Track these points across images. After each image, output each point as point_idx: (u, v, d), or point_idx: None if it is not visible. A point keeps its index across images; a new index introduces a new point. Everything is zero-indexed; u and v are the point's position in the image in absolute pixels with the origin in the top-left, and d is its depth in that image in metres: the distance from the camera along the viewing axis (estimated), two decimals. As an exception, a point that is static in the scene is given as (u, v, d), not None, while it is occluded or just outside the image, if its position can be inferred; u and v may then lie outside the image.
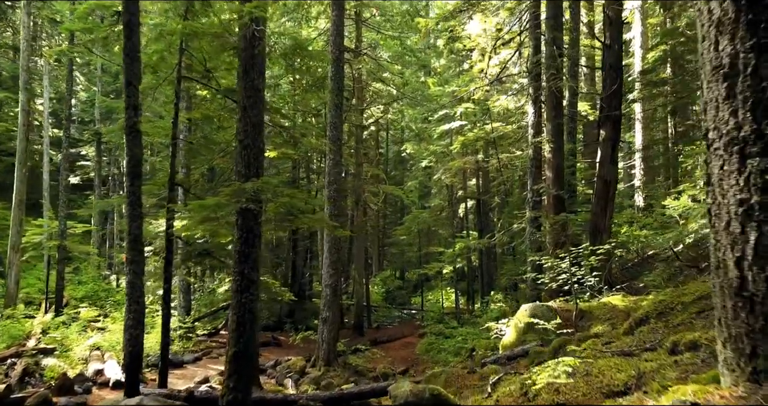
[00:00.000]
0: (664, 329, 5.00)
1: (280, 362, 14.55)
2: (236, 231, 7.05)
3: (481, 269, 26.82)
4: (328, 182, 14.67)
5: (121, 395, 10.88)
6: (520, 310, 9.01)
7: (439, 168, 25.80)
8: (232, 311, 6.97)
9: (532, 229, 12.94)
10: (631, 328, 5.74)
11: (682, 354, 3.34)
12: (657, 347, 4.15)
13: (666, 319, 5.32)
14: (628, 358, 3.92)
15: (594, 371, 3.55)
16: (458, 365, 14.98)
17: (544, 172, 13.47)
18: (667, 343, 3.68)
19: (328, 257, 14.50)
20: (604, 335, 6.76)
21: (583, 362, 3.98)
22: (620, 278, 14.22)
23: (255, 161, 7.10)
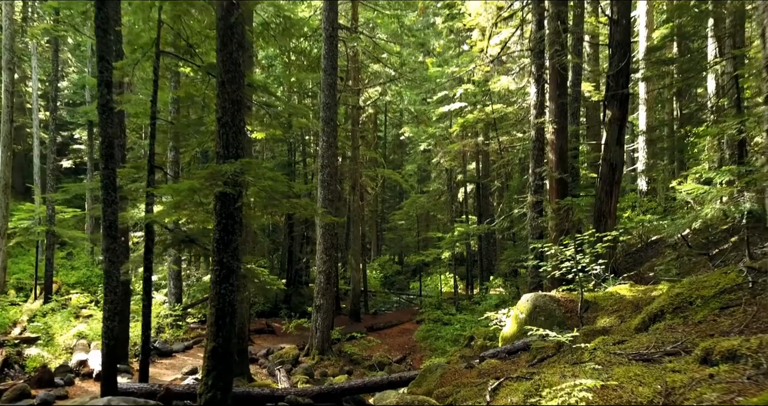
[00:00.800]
0: (683, 327, 4.48)
1: (272, 351, 14.11)
2: (215, 217, 6.51)
3: (480, 254, 26.36)
4: (322, 166, 14.10)
5: (104, 388, 10.44)
6: (522, 300, 8.50)
7: (438, 151, 25.19)
8: (210, 303, 6.46)
9: (534, 214, 12.39)
10: (644, 323, 5.22)
11: (718, 366, 2.82)
12: (680, 351, 3.63)
13: (684, 315, 4.80)
14: (648, 365, 3.40)
15: (610, 382, 3.03)
16: (456, 353, 14.60)
17: (546, 155, 12.89)
18: (697, 350, 3.15)
19: (322, 243, 13.98)
20: (613, 329, 6.25)
21: (597, 369, 3.47)
22: (624, 265, 13.74)
23: (234, 141, 6.53)
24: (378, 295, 28.47)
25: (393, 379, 7.91)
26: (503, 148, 20.73)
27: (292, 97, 25.13)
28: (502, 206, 23.08)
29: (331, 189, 14.06)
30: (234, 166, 6.06)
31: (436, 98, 24.83)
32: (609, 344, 4.60)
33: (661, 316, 5.10)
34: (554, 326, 7.74)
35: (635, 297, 7.56)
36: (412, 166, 30.46)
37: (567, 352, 6.13)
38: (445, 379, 6.77)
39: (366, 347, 15.62)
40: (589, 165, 20.72)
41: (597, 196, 12.20)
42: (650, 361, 3.53)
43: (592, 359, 4.06)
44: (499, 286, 28.65)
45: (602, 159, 12.04)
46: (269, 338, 16.66)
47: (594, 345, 4.80)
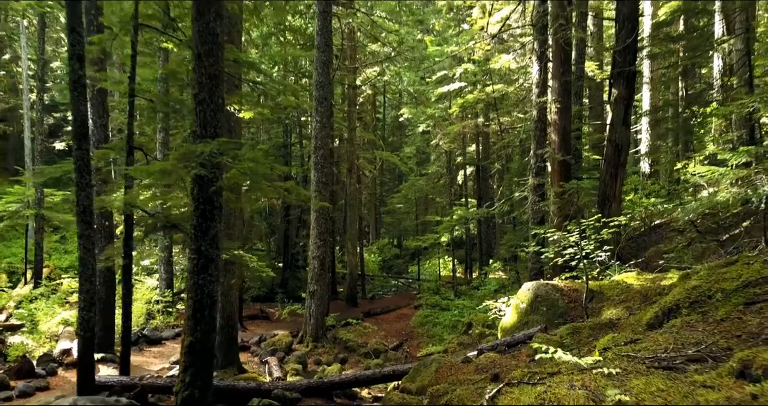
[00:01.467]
0: (703, 325, 4.02)
1: (265, 338, 13.73)
2: (192, 202, 6.03)
3: (479, 237, 25.94)
4: (315, 147, 13.57)
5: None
6: (522, 289, 8.06)
7: (437, 133, 24.59)
8: (188, 295, 6.00)
9: (535, 197, 11.91)
10: (657, 319, 4.76)
11: (761, 383, 2.36)
12: (705, 356, 3.17)
13: (703, 310, 4.34)
14: (670, 374, 2.94)
15: (628, 398, 2.57)
16: (454, 340, 14.24)
17: (549, 136, 12.36)
18: (732, 362, 2.69)
19: (316, 228, 13.52)
20: (622, 323, 5.81)
21: (611, 379, 3.01)
22: (627, 250, 13.28)
23: (212, 119, 6.01)
24: (376, 279, 28.12)
25: (386, 372, 7.50)
26: (504, 130, 20.17)
27: (287, 77, 24.49)
28: (503, 188, 22.59)
29: (325, 172, 13.55)
30: (210, 146, 5.55)
31: (435, 78, 24.17)
32: (620, 344, 4.14)
33: (677, 311, 4.64)
34: (557, 317, 7.31)
35: (643, 286, 7.11)
36: (410, 149, 29.87)
37: (572, 348, 5.70)
38: (440, 374, 6.35)
39: (362, 333, 15.26)
40: (592, 147, 20.19)
41: (601, 179, 11.70)
42: (672, 369, 3.07)
43: (602, 363, 3.60)
44: (499, 269, 28.31)
45: (607, 140, 11.51)
46: (263, 325, 16.29)
47: (603, 344, 4.34)
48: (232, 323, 10.55)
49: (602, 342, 4.40)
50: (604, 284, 7.66)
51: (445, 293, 20.37)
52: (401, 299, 22.33)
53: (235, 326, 10.66)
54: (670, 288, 6.33)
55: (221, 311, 10.43)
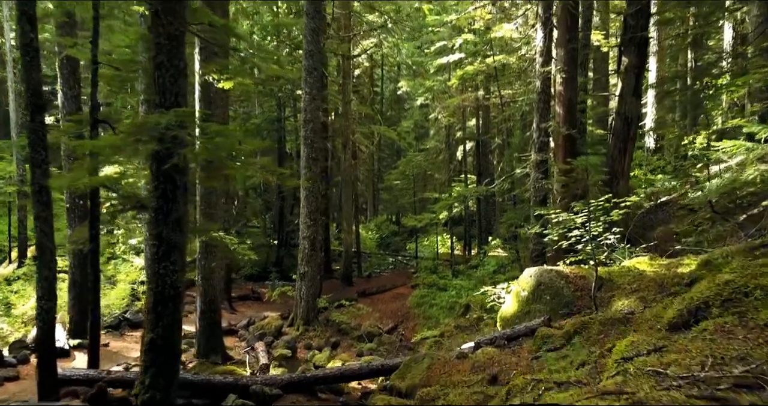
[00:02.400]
0: (743, 331, 3.36)
1: (253, 321, 13.16)
2: (151, 181, 5.32)
3: (478, 214, 25.25)
4: (305, 121, 12.78)
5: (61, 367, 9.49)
6: (524, 275, 7.40)
7: (436, 106, 23.70)
8: (148, 286, 5.34)
9: (538, 174, 11.17)
10: (682, 318, 4.09)
11: None
12: (757, 380, 2.51)
13: (739, 311, 3.67)
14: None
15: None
16: (451, 323, 13.66)
17: (553, 108, 11.57)
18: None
19: (306, 206, 12.82)
20: (637, 318, 5.15)
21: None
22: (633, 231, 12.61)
23: (172, 87, 5.25)
24: (373, 257, 27.56)
25: (374, 367, 6.90)
26: (505, 103, 19.30)
27: (281, 48, 23.46)
28: (503, 164, 21.84)
29: (316, 147, 12.79)
30: (167, 117, 4.81)
31: (434, 49, 23.17)
32: (643, 352, 3.48)
33: (706, 310, 3.97)
34: (561, 306, 6.67)
35: (657, 274, 6.44)
36: (408, 123, 28.96)
37: (579, 347, 5.05)
38: (432, 372, 5.73)
39: (355, 315, 14.69)
40: (596, 121, 19.38)
41: (609, 154, 10.97)
42: (717, 400, 2.41)
43: (624, 383, 2.94)
44: (498, 247, 27.72)
45: (616, 112, 10.75)
46: (254, 306, 15.74)
47: (622, 351, 3.68)
48: (215, 307, 9.95)
49: (620, 348, 3.74)
50: (614, 270, 6.99)
51: (443, 272, 19.78)
52: (398, 278, 21.75)
53: (218, 311, 10.06)
54: (691, 278, 5.67)
55: (202, 295, 9.84)
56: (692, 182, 17.49)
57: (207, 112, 9.18)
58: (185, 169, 5.37)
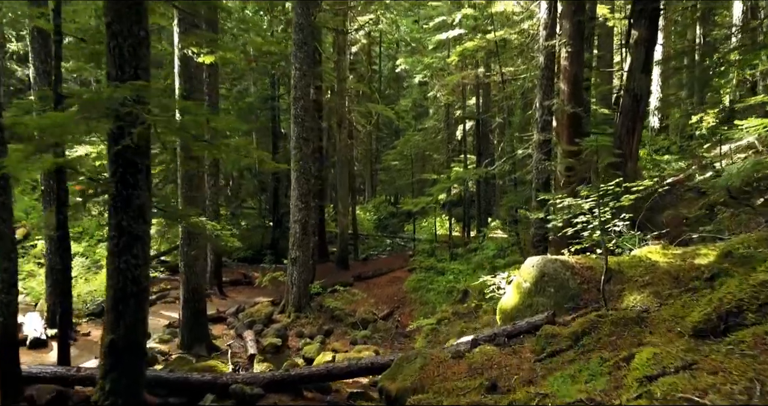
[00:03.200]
0: (791, 345, 2.82)
1: (243, 308, 12.68)
2: (109, 165, 4.73)
3: (478, 195, 24.69)
4: (295, 98, 12.13)
5: (37, 358, 9.03)
6: (526, 264, 6.86)
7: (435, 84, 22.94)
8: (107, 282, 4.79)
9: (540, 155, 10.56)
10: (710, 323, 3.56)
11: None
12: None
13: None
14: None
15: None
16: (449, 309, 13.19)
17: (557, 86, 10.93)
18: None
19: (297, 188, 12.25)
20: (653, 318, 4.61)
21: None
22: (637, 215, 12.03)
23: (132, 57, 4.63)
24: (370, 238, 27.08)
25: (363, 365, 6.39)
26: (506, 80, 18.57)
27: (273, 23, 22.60)
28: (503, 144, 21.19)
29: (306, 126, 12.16)
30: (122, 90, 4.20)
31: (432, 25, 22.35)
32: (669, 369, 2.94)
33: (739, 315, 3.43)
34: (567, 300, 6.14)
35: (672, 265, 5.90)
36: (407, 101, 28.18)
37: (590, 349, 4.53)
38: (425, 374, 5.21)
39: (350, 301, 14.22)
40: (600, 99, 18.69)
41: (616, 134, 10.35)
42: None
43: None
44: (498, 228, 27.21)
45: (624, 89, 10.11)
46: (245, 291, 15.26)
47: (642, 365, 3.14)
48: (199, 296, 9.44)
49: (640, 361, 3.20)
50: (624, 260, 6.44)
51: (441, 254, 19.28)
52: (395, 261, 21.27)
53: (202, 300, 9.56)
54: (711, 271, 5.13)
55: (185, 283, 9.33)
56: (700, 163, 16.91)
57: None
58: (147, 151, 4.79)
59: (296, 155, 12.11)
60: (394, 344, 11.64)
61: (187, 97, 8.99)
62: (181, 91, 9.00)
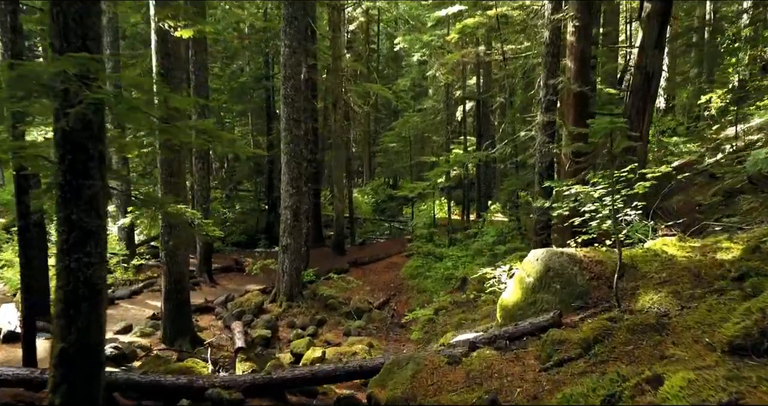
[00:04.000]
0: None
1: (232, 297, 12.17)
2: (56, 150, 4.14)
3: (478, 178, 24.12)
4: (285, 77, 11.47)
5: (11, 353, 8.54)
6: (529, 257, 6.30)
7: (434, 63, 22.16)
8: (57, 283, 4.22)
9: (544, 138, 9.94)
10: (749, 338, 3.01)
11: None
12: None
13: None
14: None
15: None
16: (447, 298, 12.68)
17: (563, 63, 10.27)
18: None
19: (288, 173, 11.65)
20: (674, 324, 4.06)
21: None
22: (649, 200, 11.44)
23: (78, 26, 4.00)
24: (368, 222, 26.53)
25: (351, 368, 5.87)
26: (508, 58, 17.84)
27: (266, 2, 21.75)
28: (504, 126, 20.52)
29: (297, 106, 11.52)
30: (61, 64, 3.58)
31: (431, 1, 21.52)
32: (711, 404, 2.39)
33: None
34: (574, 298, 5.59)
35: (691, 260, 5.34)
36: (405, 81, 27.36)
37: (603, 360, 3.98)
38: (418, 382, 4.69)
39: (344, 288, 13.74)
40: (605, 78, 17.97)
41: (625, 114, 9.73)
42: None
43: None
44: (498, 211, 26.65)
45: (635, 67, 9.46)
46: (236, 278, 14.76)
47: (675, 395, 2.59)
48: (181, 287, 8.91)
49: (671, 389, 2.66)
50: (637, 253, 5.88)
51: (440, 239, 18.77)
52: (393, 245, 20.77)
53: (185, 291, 9.03)
54: (739, 270, 4.57)
55: (167, 274, 8.80)
56: (711, 146, 16.28)
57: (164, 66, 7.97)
58: (100, 134, 4.19)
59: (286, 138, 11.49)
60: (390, 335, 11.16)
61: (165, 74, 8.36)
62: (158, 68, 8.37)
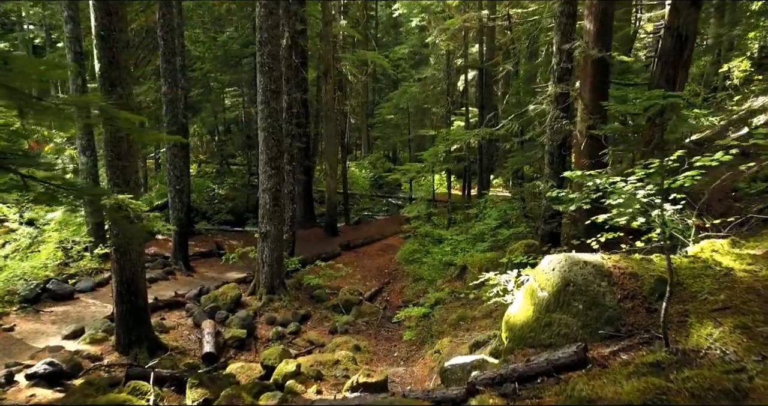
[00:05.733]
0: None
1: (207, 290, 11.00)
2: None
3: (480, 152, 22.74)
4: (261, 42, 10.07)
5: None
6: (544, 265, 5.04)
7: (434, 28, 20.56)
8: None
9: (557, 112, 8.59)
10: None
11: None
12: None
13: None
14: None
15: None
16: (445, 288, 11.53)
17: (581, 25, 8.86)
18: None
19: (265, 152, 10.36)
20: (758, 387, 2.84)
21: None
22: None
23: None
24: (364, 200, 25.28)
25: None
26: (513, 23, 16.30)
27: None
28: (509, 96, 19.07)
29: (275, 76, 10.14)
30: None
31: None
32: None
33: None
34: (602, 323, 4.37)
35: (757, 276, 4.10)
36: (402, 48, 25.71)
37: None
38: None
39: (333, 276, 12.57)
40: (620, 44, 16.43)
41: (652, 84, 8.35)
42: None
43: None
44: (500, 186, 25.35)
45: (665, 28, 8.04)
46: (216, 265, 13.57)
47: None
48: (135, 287, 7.72)
49: None
50: (681, 264, 4.63)
51: (438, 219, 17.56)
52: (389, 225, 19.59)
53: (141, 291, 7.84)
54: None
55: (118, 273, 7.60)
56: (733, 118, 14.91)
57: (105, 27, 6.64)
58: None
59: (263, 111, 10.16)
60: (380, 333, 10.04)
61: (106, 37, 7.00)
62: (98, 29, 7.00)
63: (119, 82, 7.26)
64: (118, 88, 7.23)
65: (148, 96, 17.38)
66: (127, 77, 7.38)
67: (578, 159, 8.44)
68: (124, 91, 7.32)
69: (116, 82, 7.22)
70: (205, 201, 21.89)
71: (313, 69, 21.79)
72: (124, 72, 7.33)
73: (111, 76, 7.19)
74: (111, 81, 7.19)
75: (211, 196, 22.63)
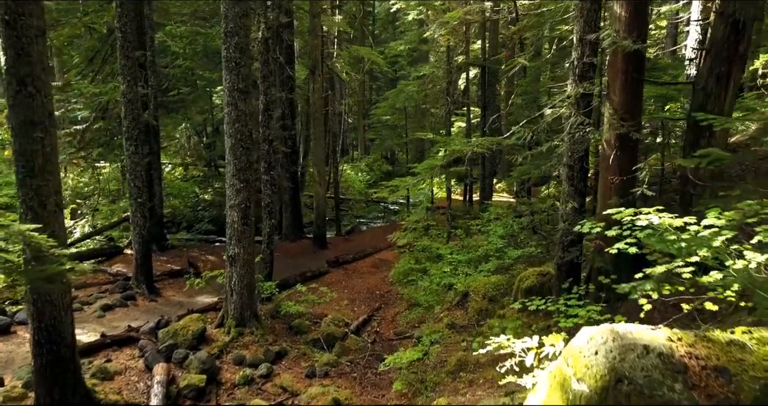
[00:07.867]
0: None
1: (167, 321, 9.46)
2: None
3: (482, 157, 21.21)
4: (226, 33, 8.55)
5: None
6: (579, 343, 3.50)
7: (433, 22, 19.04)
8: None
9: (578, 117, 7.06)
10: None
11: None
12: None
13: None
14: None
15: None
16: (444, 318, 10.03)
17: (611, 12, 7.34)
18: None
19: (233, 162, 8.84)
20: None
21: None
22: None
23: None
24: (358, 206, 23.79)
25: None
26: (520, 15, 14.76)
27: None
28: (514, 97, 17.54)
29: (243, 74, 8.61)
30: None
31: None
32: None
33: None
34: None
35: None
36: (399, 44, 24.16)
37: None
38: None
39: (315, 303, 11.04)
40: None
41: (699, 84, 6.83)
42: None
43: None
44: (504, 191, 23.89)
45: (717, 14, 6.52)
46: (186, 286, 12.03)
47: None
48: (58, 336, 6.21)
49: None
50: None
51: (438, 232, 16.01)
52: (383, 234, 18.01)
53: (66, 340, 6.33)
54: None
55: (35, 318, 6.09)
56: None
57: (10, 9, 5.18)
58: None
59: (230, 114, 8.65)
60: (367, 377, 8.53)
61: (11, 23, 5.51)
62: (0, 14, 5.51)
63: (31, 81, 5.76)
64: (30, 88, 5.74)
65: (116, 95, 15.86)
66: (42, 74, 5.87)
67: (605, 175, 6.92)
68: (38, 90, 5.82)
69: (27, 81, 5.73)
70: (188, 208, 20.46)
71: (304, 67, 20.30)
72: (38, 67, 5.83)
73: (20, 73, 5.70)
74: (20, 78, 5.70)
75: (195, 203, 21.22)
